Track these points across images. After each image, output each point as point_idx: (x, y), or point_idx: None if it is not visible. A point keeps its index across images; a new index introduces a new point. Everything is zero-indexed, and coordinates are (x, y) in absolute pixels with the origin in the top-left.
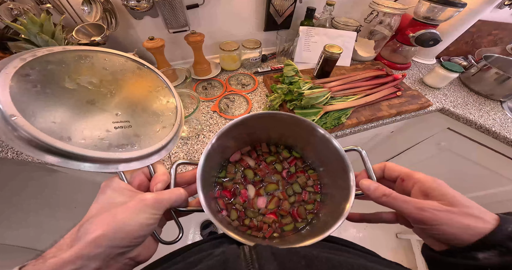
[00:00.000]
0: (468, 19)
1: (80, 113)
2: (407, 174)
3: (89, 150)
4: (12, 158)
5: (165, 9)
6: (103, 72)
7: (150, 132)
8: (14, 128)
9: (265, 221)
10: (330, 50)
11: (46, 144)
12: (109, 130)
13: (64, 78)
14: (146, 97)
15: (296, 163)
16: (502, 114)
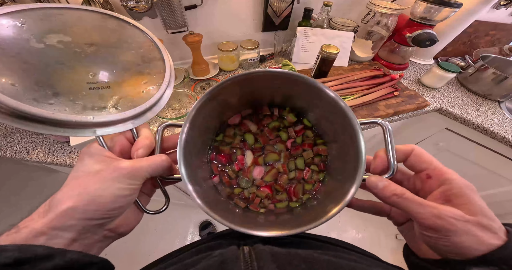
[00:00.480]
0: (464, 19)
1: (47, 75)
2: (437, 170)
3: (58, 113)
4: (11, 157)
5: (163, 10)
6: (76, 30)
7: (133, 93)
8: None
9: (258, 195)
10: (327, 50)
11: (9, 106)
12: (83, 92)
13: (29, 37)
14: (127, 56)
15: (304, 133)
16: (500, 114)
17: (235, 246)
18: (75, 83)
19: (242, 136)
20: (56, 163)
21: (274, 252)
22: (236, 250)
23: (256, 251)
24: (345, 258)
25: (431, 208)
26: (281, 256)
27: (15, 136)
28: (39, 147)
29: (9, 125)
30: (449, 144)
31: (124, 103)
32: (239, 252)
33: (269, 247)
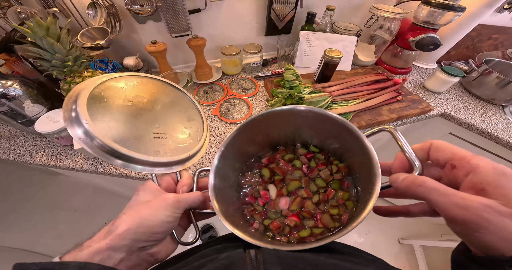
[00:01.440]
0: (468, 23)
1: (131, 124)
2: (462, 158)
3: (138, 153)
4: (14, 160)
5: (168, 13)
6: (150, 93)
7: (180, 144)
8: (91, 138)
9: (288, 224)
10: (330, 54)
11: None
12: (150, 139)
13: (122, 96)
14: (179, 115)
15: (315, 156)
16: (504, 119)
17: (241, 249)
18: (146, 132)
19: (259, 172)
20: (59, 166)
21: (281, 255)
22: (243, 253)
23: (263, 254)
24: (352, 262)
25: (456, 197)
26: (287, 260)
27: (19, 139)
28: (42, 150)
29: (13, 129)
30: None
31: (175, 150)
32: (246, 255)
33: (275, 250)
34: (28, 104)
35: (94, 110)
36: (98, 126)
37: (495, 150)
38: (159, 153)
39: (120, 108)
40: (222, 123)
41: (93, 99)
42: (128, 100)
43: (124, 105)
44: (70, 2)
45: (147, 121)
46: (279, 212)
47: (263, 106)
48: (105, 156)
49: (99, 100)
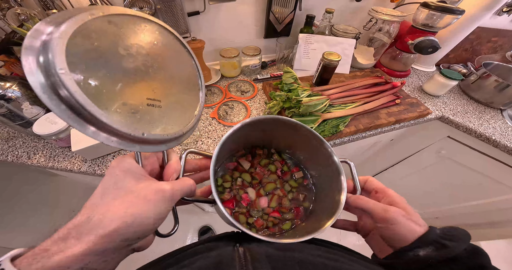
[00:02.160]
0: (466, 26)
1: (122, 82)
2: (381, 189)
3: (122, 125)
4: (12, 161)
5: (166, 16)
6: (152, 45)
7: (174, 117)
8: (58, 87)
9: (272, 221)
10: (328, 57)
11: (86, 110)
12: (142, 106)
13: (119, 42)
14: (180, 81)
15: (286, 162)
16: (502, 122)
17: (231, 247)
18: (140, 96)
19: (240, 177)
20: (57, 168)
21: (270, 254)
22: (232, 251)
23: (252, 252)
24: (340, 261)
25: (381, 205)
26: (276, 258)
27: (17, 140)
28: (40, 151)
29: (11, 130)
30: (451, 152)
31: (167, 124)
32: (235, 253)
33: (264, 249)
34: (26, 106)
35: (75, 55)
36: (76, 78)
37: (493, 154)
38: (151, 126)
39: (112, 57)
40: (220, 126)
41: (79, 38)
42: (124, 49)
43: (118, 55)
44: (69, 4)
45: (144, 81)
46: (260, 210)
47: (261, 109)
48: (79, 123)
49: (85, 41)
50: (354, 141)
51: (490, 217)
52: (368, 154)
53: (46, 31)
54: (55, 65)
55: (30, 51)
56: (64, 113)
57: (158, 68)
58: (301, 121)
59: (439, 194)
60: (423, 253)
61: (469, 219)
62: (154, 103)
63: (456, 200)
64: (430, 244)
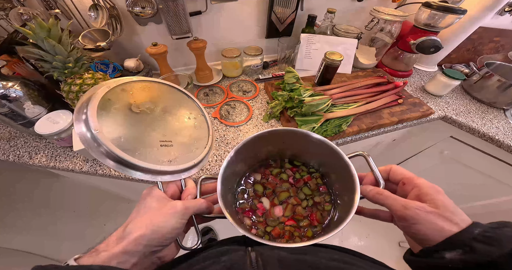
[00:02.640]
0: (469, 26)
1: (139, 132)
2: (409, 178)
3: (142, 162)
4: (14, 161)
5: (168, 16)
6: (158, 100)
7: (186, 152)
8: (98, 144)
9: (287, 229)
10: (330, 57)
11: (119, 157)
12: (157, 147)
13: (131, 103)
14: (186, 122)
15: (299, 168)
16: (505, 122)
17: (242, 252)
18: (154, 140)
19: (252, 188)
20: (58, 168)
21: (281, 258)
22: (244, 255)
23: (263, 257)
24: (353, 264)
25: (401, 200)
26: (288, 262)
27: (19, 140)
28: (42, 151)
29: (13, 130)
30: (454, 152)
31: (180, 158)
32: (246, 257)
33: (276, 253)
34: (28, 106)
35: (103, 118)
36: (107, 135)
37: (496, 154)
38: (165, 161)
39: (129, 116)
40: (222, 125)
41: (103, 107)
42: (137, 108)
43: (133, 113)
44: (72, 4)
45: (155, 130)
46: (276, 219)
47: (263, 108)
48: (115, 165)
49: (108, 107)
50: (357, 141)
51: (494, 217)
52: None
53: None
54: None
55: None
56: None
57: (166, 117)
58: (303, 121)
59: None
60: (449, 256)
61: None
62: (166, 144)
63: (459, 201)
64: (459, 246)
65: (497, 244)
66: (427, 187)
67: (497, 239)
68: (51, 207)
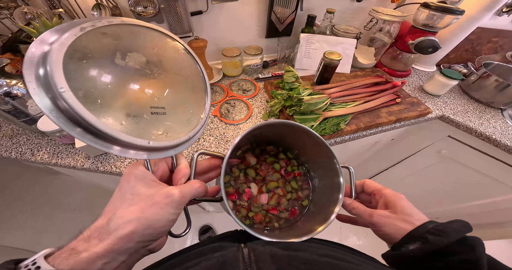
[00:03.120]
0: (467, 26)
1: (124, 93)
2: (378, 190)
3: (125, 135)
4: (16, 158)
5: (170, 15)
6: (151, 52)
7: (180, 122)
8: (61, 105)
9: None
10: (329, 56)
11: (90, 124)
12: (146, 114)
13: (116, 53)
14: (183, 86)
15: (291, 162)
16: (502, 122)
17: (235, 248)
18: (142, 105)
19: (244, 171)
20: (60, 165)
21: (274, 254)
22: (236, 251)
23: (256, 252)
24: (345, 260)
25: (368, 210)
26: (280, 258)
27: (21, 137)
28: (44, 148)
29: (16, 127)
30: (452, 152)
31: (173, 130)
32: (239, 253)
33: (269, 249)
34: (31, 103)
35: (74, 72)
36: (77, 95)
37: (493, 153)
38: (156, 134)
39: (111, 70)
40: (222, 123)
41: (73, 56)
42: (122, 59)
43: (117, 67)
44: (75, 3)
45: (144, 91)
46: (260, 206)
47: (263, 107)
48: (89, 139)
49: (80, 57)
50: (355, 140)
51: (492, 217)
52: (369, 153)
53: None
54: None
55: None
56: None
57: (158, 75)
58: (302, 119)
59: (439, 194)
60: (412, 248)
61: (470, 219)
62: (158, 111)
63: (457, 200)
64: (417, 239)
65: (446, 235)
66: (390, 195)
67: (446, 231)
68: (51, 205)
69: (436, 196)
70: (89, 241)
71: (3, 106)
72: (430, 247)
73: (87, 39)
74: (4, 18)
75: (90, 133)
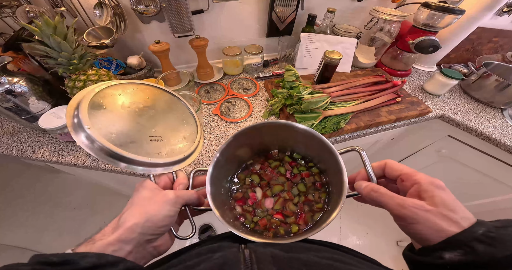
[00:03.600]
0: (467, 26)
1: (129, 128)
2: (407, 174)
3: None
4: (17, 155)
5: (171, 14)
6: (146, 99)
7: (176, 146)
8: (92, 141)
9: (273, 222)
10: (330, 56)
11: (114, 152)
12: (147, 142)
13: (120, 102)
14: (174, 119)
15: (297, 162)
16: (502, 122)
17: (235, 249)
18: (143, 135)
19: (249, 177)
20: (61, 162)
21: (275, 255)
22: (237, 252)
23: (257, 253)
24: (345, 262)
25: (397, 199)
26: (281, 259)
27: (22, 135)
28: (45, 146)
29: (17, 125)
30: (452, 151)
31: (171, 152)
32: (240, 254)
33: (269, 250)
34: (33, 101)
35: (95, 116)
36: (99, 131)
37: (493, 153)
38: (156, 154)
39: (118, 114)
40: (223, 122)
41: (93, 106)
42: (125, 107)
43: (122, 111)
44: (78, 2)
45: (143, 126)
46: (265, 211)
47: (263, 106)
48: (108, 159)
49: (98, 107)
50: (355, 138)
51: (491, 217)
52: (369, 153)
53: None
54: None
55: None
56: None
57: (153, 114)
58: (303, 118)
59: None
60: (448, 257)
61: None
62: (156, 139)
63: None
64: (460, 247)
65: (500, 245)
66: (426, 182)
67: (500, 240)
68: (51, 203)
69: None
70: (105, 233)
71: (5, 104)
72: (476, 260)
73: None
74: (6, 16)
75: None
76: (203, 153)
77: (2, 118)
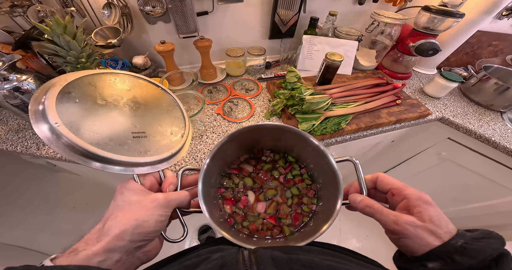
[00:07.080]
0: (467, 29)
1: (107, 124)
2: (398, 189)
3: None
4: (21, 152)
5: (177, 15)
6: (126, 91)
7: (162, 142)
8: (58, 136)
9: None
10: (331, 57)
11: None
12: (129, 139)
13: (96, 96)
14: (159, 113)
15: (292, 167)
16: (502, 124)
17: (235, 250)
18: (125, 132)
19: (242, 180)
20: (65, 159)
21: (275, 256)
22: (236, 253)
23: (257, 255)
24: (346, 264)
25: (392, 215)
26: (281, 261)
27: (27, 132)
28: None
29: (22, 122)
30: (451, 154)
31: (156, 149)
32: (239, 255)
33: (269, 252)
34: None
35: (64, 109)
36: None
37: (493, 155)
38: (139, 152)
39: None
40: (225, 121)
41: (64, 98)
42: (102, 99)
43: (99, 104)
44: (87, 2)
45: (124, 121)
46: (256, 215)
47: (265, 106)
48: (77, 157)
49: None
50: (356, 139)
51: (491, 219)
52: (369, 155)
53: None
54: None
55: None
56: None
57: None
58: (304, 118)
59: (439, 196)
60: (431, 266)
61: (470, 222)
62: (139, 135)
63: (456, 203)
64: (441, 258)
65: (476, 255)
66: (415, 198)
67: (477, 251)
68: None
69: (436, 198)
70: (88, 242)
71: (12, 101)
72: (455, 268)
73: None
74: (17, 15)
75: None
76: (200, 148)
77: (7, 116)
